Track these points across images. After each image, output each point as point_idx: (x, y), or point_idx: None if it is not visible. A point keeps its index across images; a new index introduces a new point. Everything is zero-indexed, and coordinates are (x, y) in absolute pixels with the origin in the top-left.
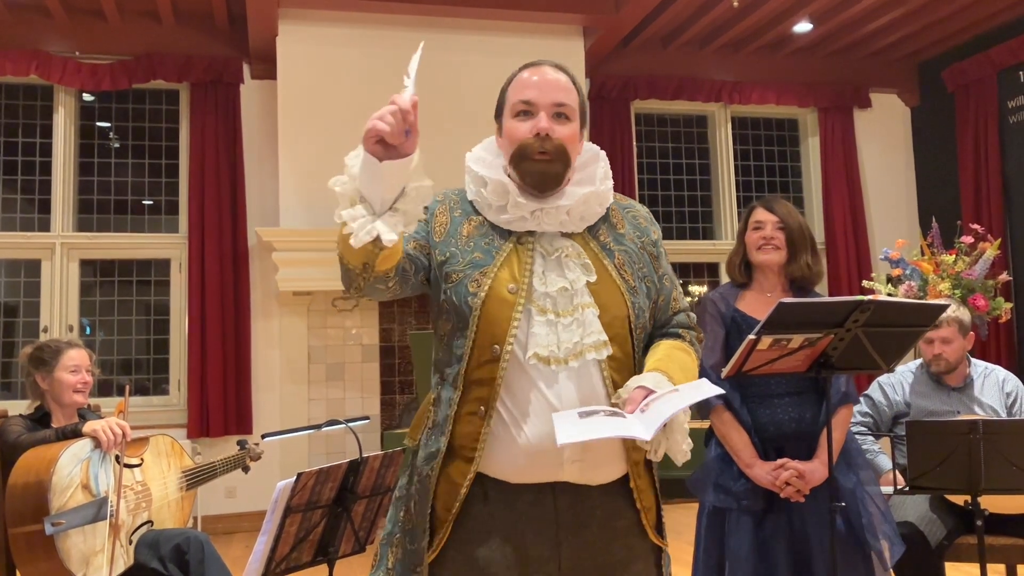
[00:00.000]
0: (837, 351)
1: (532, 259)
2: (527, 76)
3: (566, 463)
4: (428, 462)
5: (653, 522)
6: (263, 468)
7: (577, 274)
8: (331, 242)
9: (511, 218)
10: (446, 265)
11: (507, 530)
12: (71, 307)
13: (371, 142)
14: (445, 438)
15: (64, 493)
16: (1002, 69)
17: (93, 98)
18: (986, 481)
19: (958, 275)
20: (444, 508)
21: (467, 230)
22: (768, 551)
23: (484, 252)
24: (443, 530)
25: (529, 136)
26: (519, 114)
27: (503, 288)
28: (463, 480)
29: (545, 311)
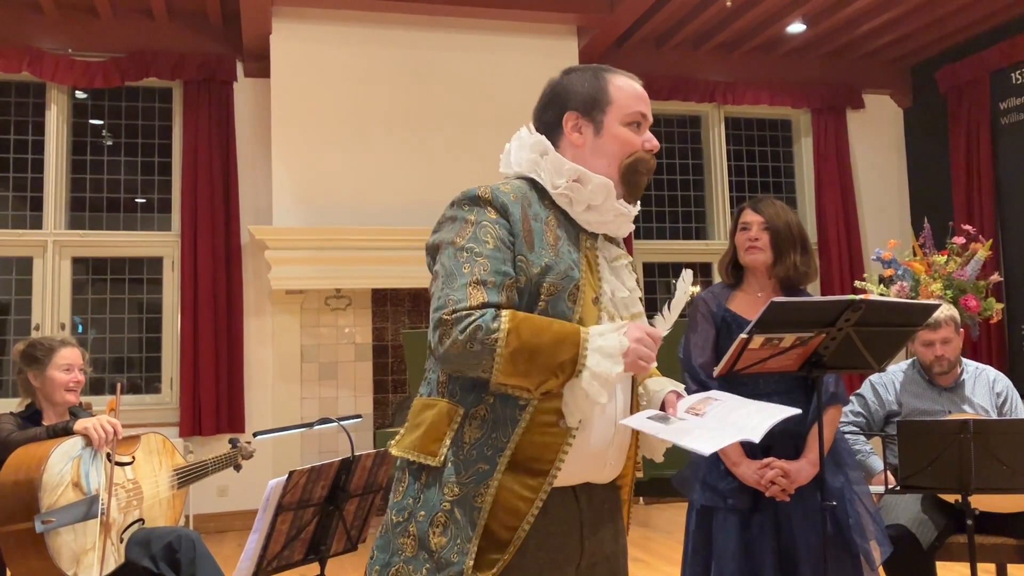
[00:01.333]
0: (829, 350)
1: (599, 264)
2: (631, 85)
3: (608, 464)
4: (479, 481)
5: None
6: (255, 467)
7: (633, 283)
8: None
9: (601, 220)
10: (544, 276)
11: (541, 535)
12: (63, 305)
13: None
14: (506, 454)
15: (55, 491)
16: (994, 71)
17: (86, 95)
18: (976, 480)
19: (950, 276)
20: (504, 527)
21: (551, 236)
22: (754, 550)
23: (573, 262)
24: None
25: (644, 149)
26: (633, 124)
27: (590, 300)
28: (534, 495)
29: (613, 317)
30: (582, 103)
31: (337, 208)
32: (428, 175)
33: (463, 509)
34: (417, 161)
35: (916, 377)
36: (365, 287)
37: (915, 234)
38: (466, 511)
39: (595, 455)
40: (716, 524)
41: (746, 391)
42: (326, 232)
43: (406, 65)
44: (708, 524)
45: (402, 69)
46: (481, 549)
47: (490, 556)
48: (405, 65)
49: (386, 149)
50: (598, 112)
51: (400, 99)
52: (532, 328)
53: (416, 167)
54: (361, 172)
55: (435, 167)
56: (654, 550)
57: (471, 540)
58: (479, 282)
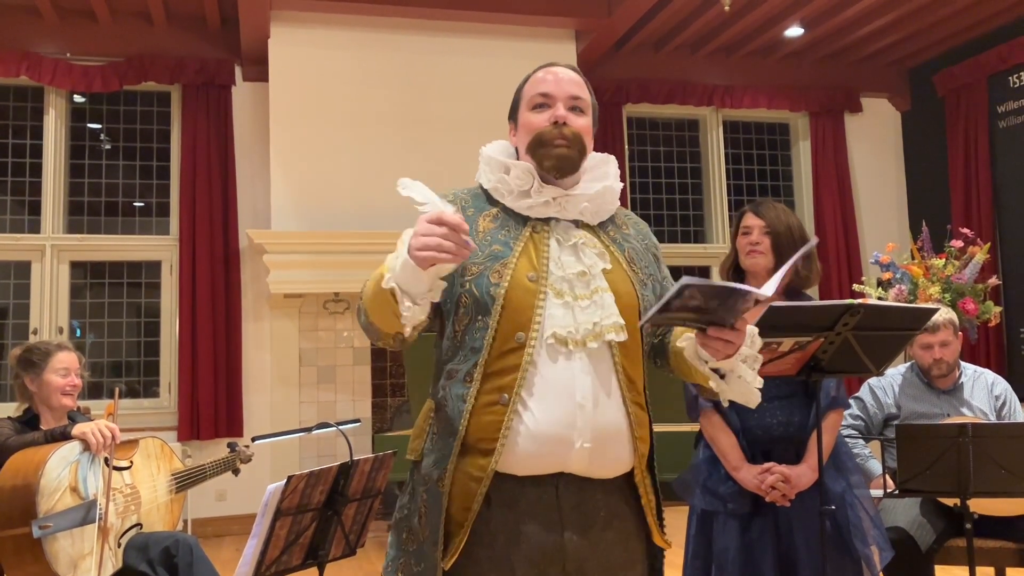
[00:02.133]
0: (827, 354)
1: (548, 247)
2: (542, 74)
3: (576, 450)
4: (438, 465)
5: (655, 520)
6: (253, 471)
7: (594, 260)
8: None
9: (534, 203)
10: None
11: (511, 532)
12: (61, 309)
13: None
14: (458, 437)
15: (52, 496)
16: (992, 74)
17: (84, 99)
18: (975, 484)
19: (948, 279)
20: (461, 508)
21: (483, 225)
22: (754, 554)
23: (502, 244)
24: (461, 533)
25: (547, 124)
26: (536, 107)
27: (524, 277)
28: (482, 474)
29: (562, 294)
30: (511, 109)
31: (335, 212)
32: (426, 178)
33: (433, 497)
34: (415, 165)
35: (915, 380)
36: None
37: (913, 237)
38: (434, 499)
39: (552, 437)
40: (716, 528)
41: None
42: (324, 236)
43: (404, 69)
44: (708, 528)
45: (400, 73)
46: (448, 535)
47: (453, 541)
48: (403, 69)
49: (384, 152)
50: (516, 112)
51: (398, 103)
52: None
53: (415, 170)
54: (359, 176)
55: (433, 171)
56: None
57: (439, 528)
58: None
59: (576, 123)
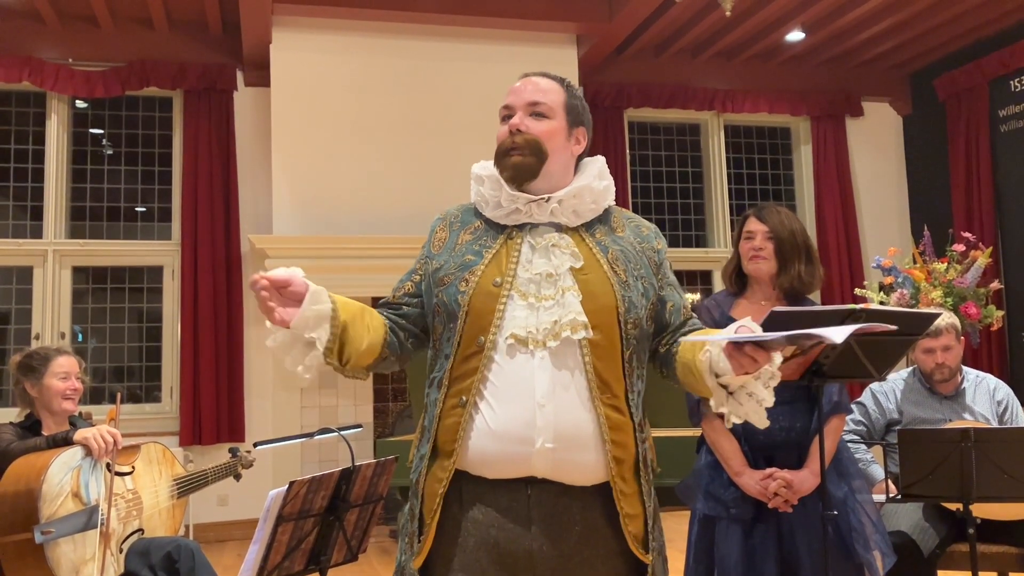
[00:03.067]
0: (829, 359)
1: (519, 251)
2: (516, 83)
3: (537, 450)
4: (416, 468)
5: (637, 532)
6: (255, 476)
7: (563, 259)
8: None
9: (506, 211)
10: (440, 271)
11: (480, 534)
12: (63, 314)
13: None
14: (431, 440)
15: (54, 501)
16: (993, 79)
17: (86, 105)
18: (978, 489)
19: (950, 283)
20: (428, 510)
21: (463, 238)
22: (757, 560)
23: (474, 254)
24: (427, 532)
25: (505, 135)
26: (503, 119)
27: (489, 282)
28: (444, 475)
29: (527, 296)
30: None
31: (337, 216)
32: (428, 183)
33: (415, 500)
34: (417, 169)
35: (917, 385)
36: (366, 295)
37: (915, 241)
38: (415, 501)
39: (511, 435)
40: (719, 533)
41: None
42: (326, 241)
43: (406, 74)
44: (710, 533)
45: (402, 78)
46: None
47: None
48: (405, 74)
49: (386, 157)
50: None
51: (400, 108)
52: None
53: (416, 175)
54: (361, 180)
55: (435, 176)
56: None
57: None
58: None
59: (533, 127)
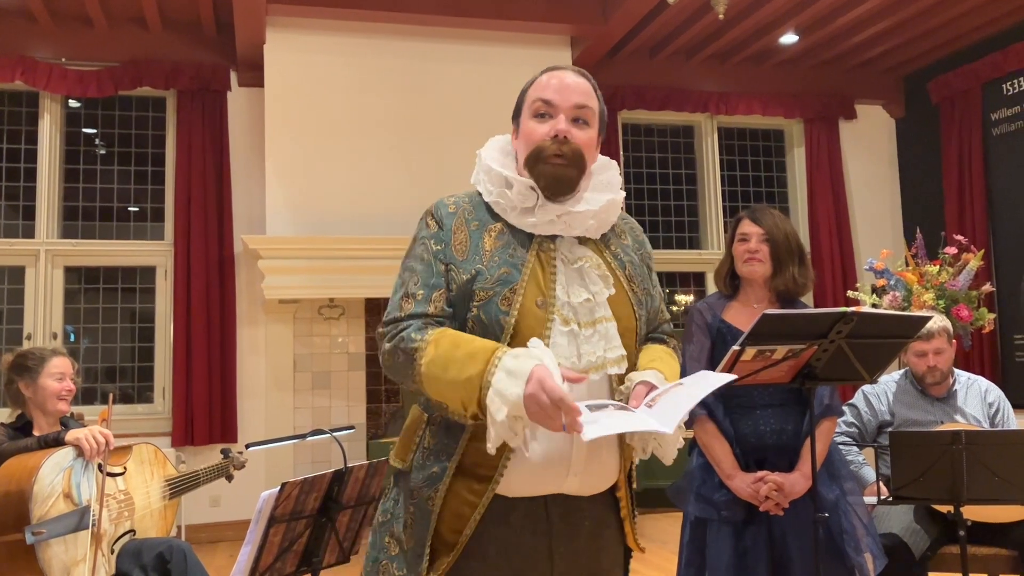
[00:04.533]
0: (821, 362)
1: (555, 268)
2: (546, 79)
3: (570, 476)
4: (431, 484)
5: (632, 527)
6: (248, 477)
7: (599, 287)
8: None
9: (537, 222)
10: (473, 283)
11: (502, 544)
12: (55, 314)
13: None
14: (455, 459)
15: (46, 502)
16: (986, 82)
17: (79, 104)
18: (968, 491)
19: (942, 286)
20: (451, 530)
21: (489, 243)
22: (748, 562)
23: (510, 266)
24: (451, 554)
25: (547, 138)
26: (538, 115)
27: (532, 303)
28: (478, 500)
29: (568, 321)
30: (515, 110)
31: (331, 217)
32: (421, 184)
33: (421, 513)
34: (410, 170)
35: (909, 387)
36: (359, 296)
37: (907, 244)
38: (423, 514)
39: (546, 466)
40: (710, 536)
41: (741, 403)
42: (319, 241)
43: (400, 75)
44: (702, 536)
45: (396, 79)
46: (434, 551)
47: (441, 559)
48: (399, 75)
49: (380, 158)
50: (518, 115)
51: (394, 109)
52: (451, 341)
53: (409, 176)
54: (355, 181)
55: (428, 176)
56: (648, 560)
57: (425, 543)
58: (409, 295)
59: (578, 137)
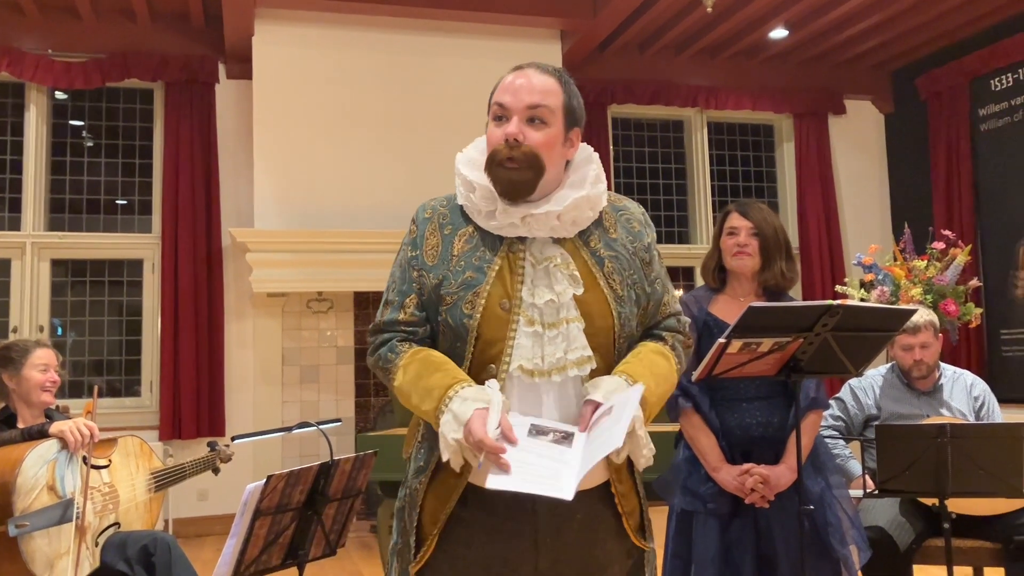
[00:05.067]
0: (806, 355)
1: (523, 269)
2: (507, 79)
3: None
4: (417, 476)
5: (635, 525)
6: (235, 470)
7: (564, 286)
8: (306, 243)
9: (500, 224)
10: (441, 287)
11: (487, 532)
12: (42, 307)
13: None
14: (436, 453)
15: (29, 495)
16: (974, 78)
17: (66, 96)
18: (953, 484)
19: (930, 280)
20: (431, 521)
21: (458, 247)
22: (734, 554)
23: (475, 270)
24: (428, 542)
25: (500, 141)
26: (496, 118)
27: (496, 305)
28: (452, 494)
29: (533, 322)
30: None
31: (319, 211)
32: (410, 178)
33: (411, 504)
34: (399, 164)
35: (895, 381)
36: (347, 290)
37: (896, 239)
38: (412, 505)
39: None
40: (696, 528)
41: (727, 396)
42: (308, 235)
43: (389, 68)
44: (688, 528)
45: (385, 72)
46: (418, 540)
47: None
48: (388, 68)
49: (368, 152)
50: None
51: (382, 102)
52: (416, 371)
53: (398, 170)
54: (343, 175)
55: (417, 170)
56: None
57: (411, 534)
58: (387, 301)
59: (532, 138)
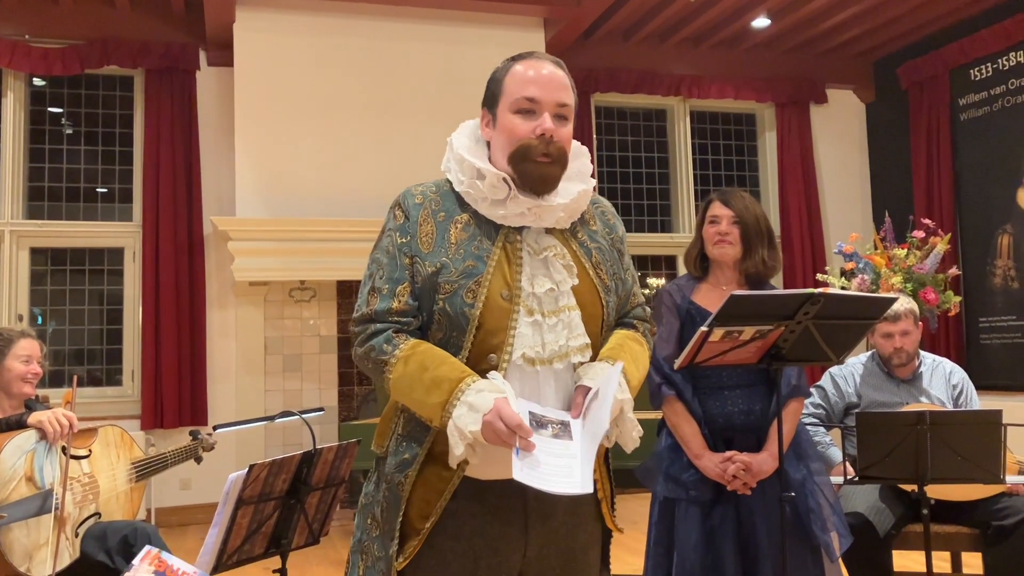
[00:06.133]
0: (788, 343)
1: (521, 259)
2: (524, 70)
3: None
4: (401, 470)
5: (609, 508)
6: (218, 459)
7: (563, 275)
8: (288, 231)
9: (507, 214)
10: (438, 276)
11: (477, 523)
12: (21, 296)
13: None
14: (425, 446)
15: (7, 486)
16: (954, 67)
17: (44, 83)
18: (932, 471)
19: (910, 269)
20: (419, 516)
21: (455, 235)
22: (716, 541)
23: (475, 259)
24: (417, 538)
25: (532, 136)
26: (521, 111)
27: (498, 295)
28: (445, 486)
29: (532, 311)
30: (487, 97)
31: (301, 199)
32: (393, 166)
33: (393, 498)
34: (382, 152)
35: (875, 369)
36: (330, 279)
37: (876, 228)
38: (395, 499)
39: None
40: (678, 515)
41: (709, 384)
42: (290, 223)
43: (371, 55)
44: (670, 515)
45: (367, 59)
46: (403, 536)
47: (410, 543)
48: (370, 55)
49: (350, 140)
50: (494, 105)
51: (365, 90)
52: (419, 363)
53: (381, 158)
54: (325, 163)
55: (400, 158)
56: (617, 540)
57: (395, 529)
58: (374, 289)
59: (561, 135)
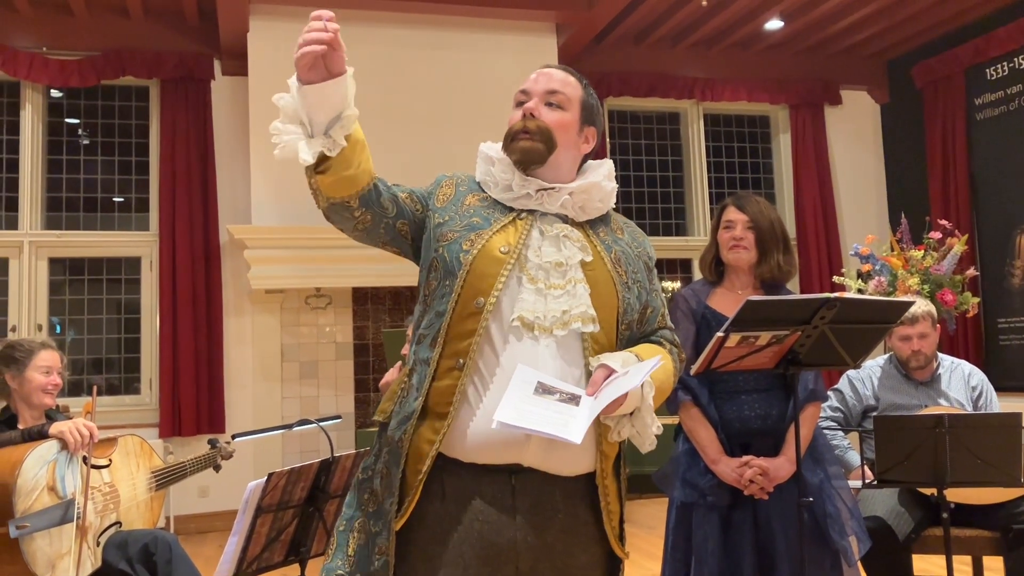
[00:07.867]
0: (804, 348)
1: (529, 233)
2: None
3: (532, 443)
4: (401, 426)
5: (617, 530)
6: (236, 467)
7: (573, 251)
8: (304, 239)
9: (516, 195)
10: (443, 226)
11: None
12: (40, 306)
13: (305, 69)
14: (421, 399)
15: (29, 496)
16: (969, 67)
17: (61, 94)
18: (951, 474)
19: (927, 270)
20: (414, 471)
21: (470, 200)
22: (734, 546)
23: (483, 219)
24: (412, 494)
25: (518, 119)
26: (517, 104)
27: (495, 248)
28: (435, 437)
29: (535, 280)
30: None
31: (316, 207)
32: (407, 173)
33: (393, 458)
34: (396, 159)
35: (893, 372)
36: (345, 286)
37: (892, 229)
38: (395, 459)
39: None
40: (696, 520)
41: (725, 388)
42: (305, 231)
43: (385, 63)
44: (688, 520)
45: (381, 67)
46: (401, 496)
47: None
48: (384, 63)
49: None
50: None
51: (379, 97)
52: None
53: (395, 165)
54: None
55: (415, 165)
56: (635, 545)
57: (395, 487)
58: None
59: (547, 116)
